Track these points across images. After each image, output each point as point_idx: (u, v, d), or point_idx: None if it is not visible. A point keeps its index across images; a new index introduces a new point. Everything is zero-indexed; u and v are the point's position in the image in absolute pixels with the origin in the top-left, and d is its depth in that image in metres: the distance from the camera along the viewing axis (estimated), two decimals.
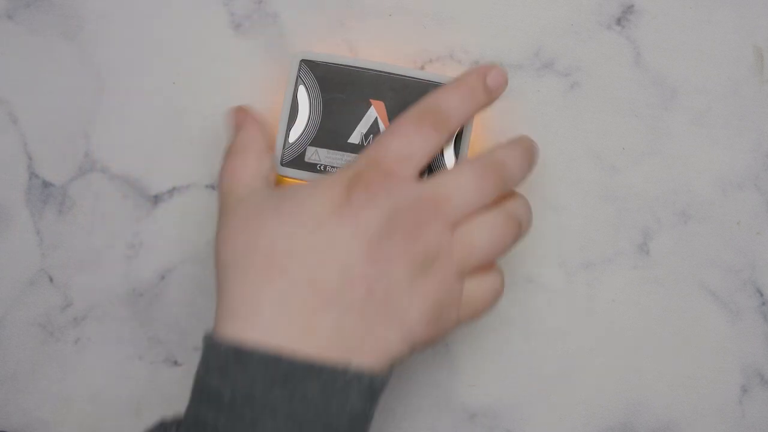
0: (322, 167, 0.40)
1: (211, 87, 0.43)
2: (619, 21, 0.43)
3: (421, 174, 0.36)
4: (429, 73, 0.41)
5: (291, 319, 0.32)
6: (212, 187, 0.43)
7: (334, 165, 0.40)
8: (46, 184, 0.43)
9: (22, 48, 0.43)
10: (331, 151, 0.40)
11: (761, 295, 0.42)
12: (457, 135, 0.39)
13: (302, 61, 0.40)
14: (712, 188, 0.42)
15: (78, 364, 0.43)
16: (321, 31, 0.43)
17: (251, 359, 0.32)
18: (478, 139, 0.42)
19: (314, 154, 0.40)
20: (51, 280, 0.43)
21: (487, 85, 0.37)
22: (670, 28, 0.43)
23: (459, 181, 0.35)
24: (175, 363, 0.43)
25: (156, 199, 0.43)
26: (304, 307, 0.33)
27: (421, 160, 0.35)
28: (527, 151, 0.37)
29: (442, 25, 0.43)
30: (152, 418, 0.43)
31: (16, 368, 0.43)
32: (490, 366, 0.43)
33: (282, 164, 0.40)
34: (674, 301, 0.42)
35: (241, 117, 0.38)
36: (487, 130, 0.43)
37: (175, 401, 0.43)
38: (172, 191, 0.43)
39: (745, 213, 0.42)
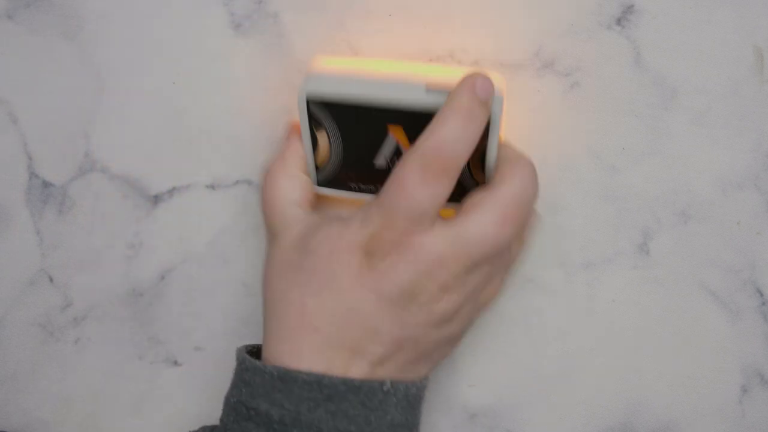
0: (356, 186, 0.39)
1: (211, 87, 0.43)
2: (619, 21, 0.43)
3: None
4: (437, 86, 0.37)
5: (329, 364, 0.34)
6: (212, 187, 0.43)
7: (365, 185, 0.39)
8: (46, 184, 0.43)
9: (22, 48, 0.43)
10: (361, 173, 0.39)
11: (761, 295, 0.42)
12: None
13: (308, 101, 0.38)
14: (712, 188, 0.42)
15: (78, 364, 0.43)
16: (321, 31, 0.43)
17: (296, 382, 0.33)
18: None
19: (345, 175, 0.39)
20: (51, 280, 0.43)
21: (480, 98, 0.35)
22: (670, 28, 0.43)
23: (481, 230, 0.34)
24: (175, 363, 0.43)
25: (156, 199, 0.43)
26: (340, 357, 0.34)
27: (436, 210, 0.34)
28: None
29: (442, 24, 0.43)
30: (152, 418, 0.43)
31: (16, 368, 0.43)
32: (490, 366, 0.42)
33: (318, 185, 0.40)
34: (674, 301, 0.42)
35: (290, 132, 0.39)
36: None
37: (175, 401, 0.43)
38: (172, 191, 0.43)
39: (745, 213, 0.42)
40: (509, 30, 0.43)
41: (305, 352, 0.34)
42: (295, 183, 0.38)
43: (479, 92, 0.35)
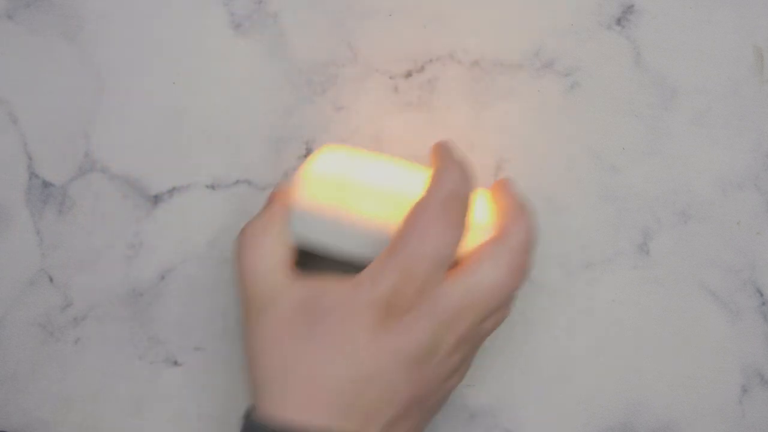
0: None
1: (211, 87, 0.43)
2: (619, 21, 0.43)
3: None
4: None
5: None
6: (212, 187, 0.43)
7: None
8: (46, 184, 0.43)
9: (22, 48, 0.43)
10: None
11: (761, 295, 0.42)
12: None
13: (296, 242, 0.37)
14: (712, 188, 0.42)
15: (78, 364, 0.43)
16: (321, 31, 0.43)
17: None
18: (481, 141, 0.42)
19: None
20: (51, 280, 0.43)
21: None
22: (670, 28, 0.43)
23: (497, 280, 0.34)
24: (175, 363, 0.43)
25: (156, 199, 0.43)
26: (353, 423, 0.33)
27: (453, 256, 0.34)
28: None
29: (442, 25, 0.43)
30: (152, 418, 0.43)
31: (16, 368, 0.43)
32: (490, 366, 0.42)
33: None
34: (674, 301, 0.42)
35: (271, 198, 0.38)
36: (488, 131, 0.43)
37: (175, 401, 0.43)
38: (172, 191, 0.43)
39: (745, 213, 0.42)
40: (509, 30, 0.43)
41: (316, 421, 0.32)
42: (280, 241, 0.36)
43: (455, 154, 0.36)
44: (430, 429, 0.43)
